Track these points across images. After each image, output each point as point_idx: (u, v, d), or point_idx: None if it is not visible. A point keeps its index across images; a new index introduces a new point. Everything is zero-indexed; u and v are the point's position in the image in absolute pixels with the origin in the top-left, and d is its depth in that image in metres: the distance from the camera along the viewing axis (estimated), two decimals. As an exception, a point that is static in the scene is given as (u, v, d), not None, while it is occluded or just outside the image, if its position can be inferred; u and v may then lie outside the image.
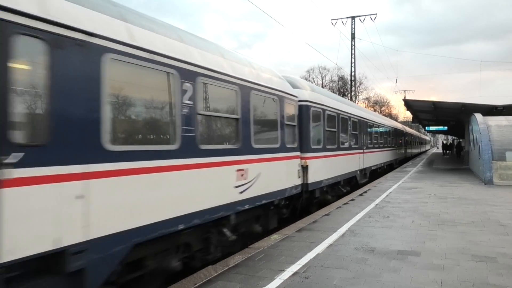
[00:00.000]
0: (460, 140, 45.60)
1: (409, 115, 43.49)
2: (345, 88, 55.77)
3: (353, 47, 33.97)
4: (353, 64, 34.49)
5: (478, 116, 17.81)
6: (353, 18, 33.58)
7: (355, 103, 27.93)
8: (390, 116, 65.12)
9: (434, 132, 59.89)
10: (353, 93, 36.83)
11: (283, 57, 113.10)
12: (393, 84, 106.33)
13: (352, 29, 33.78)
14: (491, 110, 19.59)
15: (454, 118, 27.23)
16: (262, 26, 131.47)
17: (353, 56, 34.21)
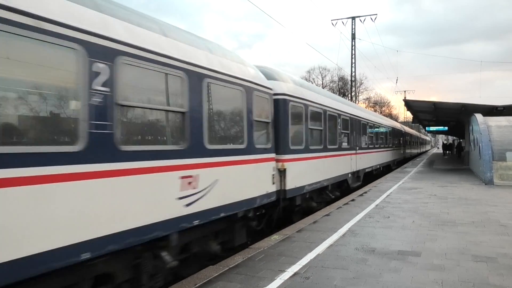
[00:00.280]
0: (461, 141, 45.64)
1: (410, 116, 43.50)
2: (346, 89, 55.86)
3: (353, 48, 34.06)
4: (354, 65, 34.58)
5: (479, 117, 17.82)
6: (353, 19, 33.68)
7: (356, 103, 27.89)
8: (391, 117, 65.17)
9: (435, 133, 59.94)
10: (354, 94, 36.88)
11: (283, 58, 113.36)
12: (394, 85, 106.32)
13: (352, 30, 33.86)
14: (491, 111, 19.62)
15: (454, 119, 27.24)
16: (262, 26, 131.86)
17: (353, 57, 34.30)
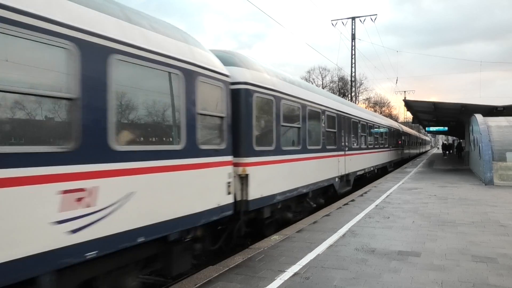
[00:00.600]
0: (461, 141, 45.66)
1: (410, 116, 43.56)
2: (346, 89, 55.89)
3: (353, 48, 34.07)
4: (353, 65, 34.59)
5: (479, 117, 17.83)
6: (353, 19, 33.70)
7: (355, 104, 27.84)
8: (391, 117, 65.11)
9: (435, 133, 59.98)
10: (354, 94, 36.90)
11: (283, 58, 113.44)
12: (393, 85, 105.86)
13: (352, 30, 33.87)
14: (491, 111, 19.63)
15: (455, 119, 27.26)
16: (262, 27, 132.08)
17: (353, 57, 34.31)
